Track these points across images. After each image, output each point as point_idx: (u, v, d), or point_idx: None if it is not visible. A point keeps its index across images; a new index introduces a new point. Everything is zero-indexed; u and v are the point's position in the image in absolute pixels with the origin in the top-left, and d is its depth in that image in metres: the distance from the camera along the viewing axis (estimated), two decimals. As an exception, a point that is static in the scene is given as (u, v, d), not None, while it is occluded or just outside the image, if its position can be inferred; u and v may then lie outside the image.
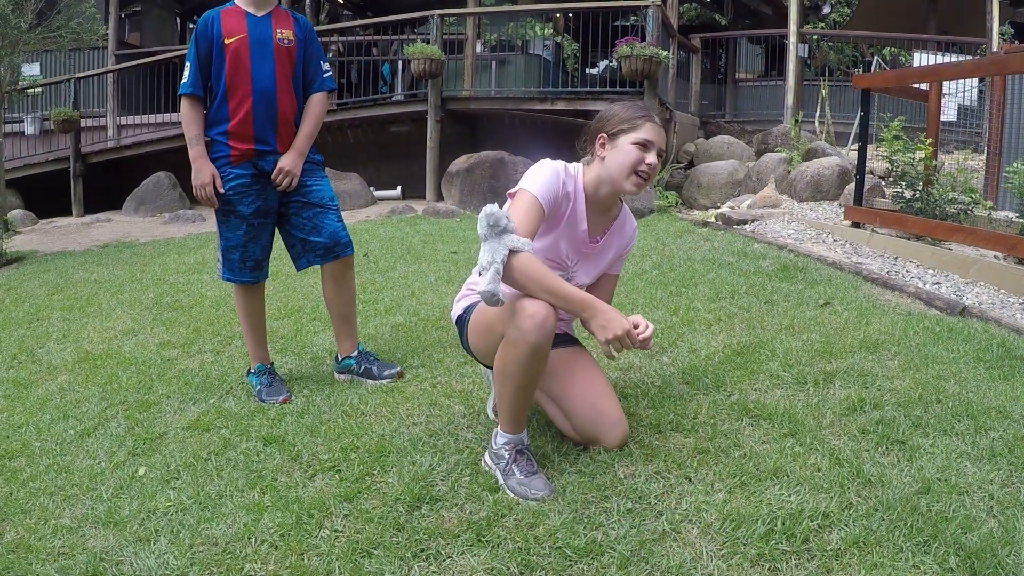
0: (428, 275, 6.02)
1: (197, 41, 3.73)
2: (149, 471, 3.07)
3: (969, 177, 6.91)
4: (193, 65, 3.73)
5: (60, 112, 13.08)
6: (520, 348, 2.53)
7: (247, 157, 3.78)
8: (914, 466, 2.63)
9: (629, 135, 2.82)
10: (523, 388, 2.64)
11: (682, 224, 7.82)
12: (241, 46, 3.71)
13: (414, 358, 4.11)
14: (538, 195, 2.72)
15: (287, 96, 3.82)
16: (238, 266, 3.87)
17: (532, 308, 2.51)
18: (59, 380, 4.40)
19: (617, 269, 3.16)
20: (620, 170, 2.82)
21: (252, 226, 3.83)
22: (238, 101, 3.73)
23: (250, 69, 3.72)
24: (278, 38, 3.79)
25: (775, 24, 16.24)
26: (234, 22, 3.75)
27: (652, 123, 2.85)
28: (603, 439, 2.84)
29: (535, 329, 2.50)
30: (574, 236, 2.91)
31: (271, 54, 3.76)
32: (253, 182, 3.79)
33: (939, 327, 4.14)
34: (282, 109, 3.80)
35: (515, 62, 14.36)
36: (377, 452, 2.96)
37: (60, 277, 7.44)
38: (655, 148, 2.83)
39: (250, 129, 3.75)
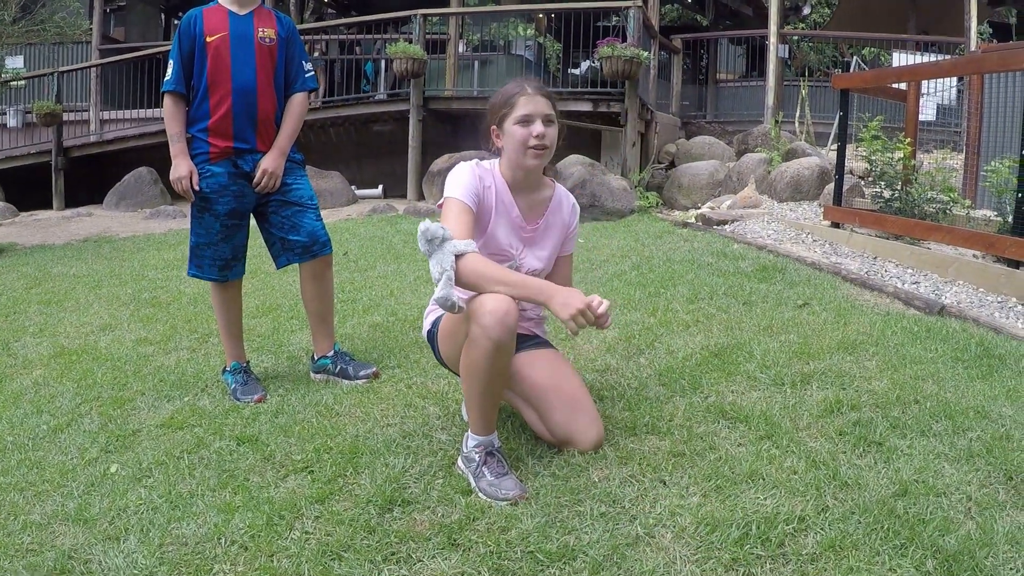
0: (407, 275, 5.99)
1: (180, 39, 3.73)
2: (121, 468, 3.04)
3: (948, 176, 6.93)
4: (176, 63, 3.72)
5: (43, 105, 12.99)
6: (483, 344, 2.52)
7: (226, 155, 3.76)
8: (891, 468, 2.62)
9: (510, 117, 2.87)
10: (489, 386, 2.63)
11: (662, 225, 7.82)
12: (222, 44, 3.71)
13: (390, 358, 4.08)
14: (461, 197, 2.80)
15: (267, 94, 3.81)
16: (208, 264, 3.85)
17: (491, 304, 2.52)
18: (34, 374, 4.36)
19: (569, 249, 3.16)
20: (516, 152, 2.88)
21: (225, 226, 3.81)
22: (218, 98, 3.72)
23: (231, 67, 3.71)
24: (260, 36, 3.78)
25: (756, 25, 16.30)
26: (216, 20, 3.74)
27: (525, 95, 2.86)
28: (578, 441, 2.81)
29: (496, 324, 2.50)
30: (510, 223, 2.95)
31: (252, 52, 3.75)
32: (231, 182, 3.77)
33: (917, 327, 4.14)
34: (262, 107, 3.79)
35: (498, 62, 14.36)
36: (350, 453, 2.93)
37: (38, 271, 7.39)
38: (538, 117, 2.85)
39: (230, 127, 3.74)
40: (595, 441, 2.82)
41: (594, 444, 2.81)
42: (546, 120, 2.86)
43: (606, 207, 8.62)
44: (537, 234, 3.02)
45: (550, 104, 2.90)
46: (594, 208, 8.56)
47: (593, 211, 8.53)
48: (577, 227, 3.17)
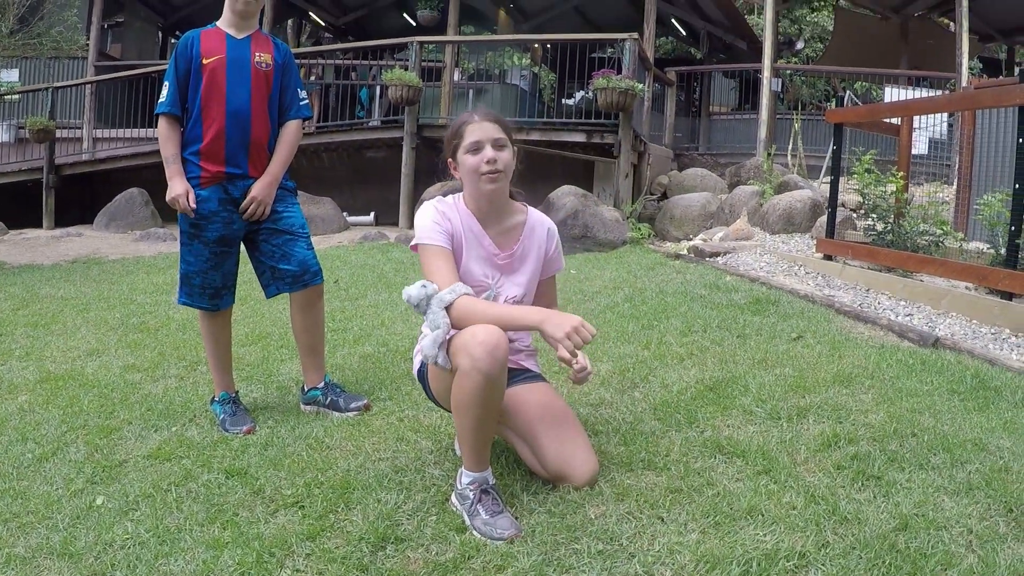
0: (399, 304, 5.94)
1: (176, 60, 3.70)
2: (107, 501, 2.98)
3: (940, 209, 6.95)
4: (172, 84, 3.69)
5: (36, 121, 12.96)
6: (473, 377, 2.51)
7: (217, 180, 3.72)
8: (891, 502, 2.59)
9: (461, 146, 2.90)
10: (482, 420, 2.60)
11: (654, 256, 7.81)
12: (219, 66, 3.68)
13: (382, 390, 4.04)
14: (434, 241, 2.84)
15: (261, 119, 3.78)
16: (197, 292, 3.81)
17: (482, 335, 2.52)
18: (19, 400, 4.29)
19: (552, 271, 3.13)
20: (471, 181, 2.90)
21: (215, 253, 3.77)
22: (211, 121, 3.69)
23: (225, 90, 3.68)
24: (256, 61, 3.75)
25: (749, 58, 16.40)
26: (214, 43, 3.72)
27: (472, 123, 2.89)
28: (572, 477, 2.78)
29: (486, 356, 2.49)
30: (483, 254, 2.96)
31: (248, 76, 3.73)
32: (220, 208, 3.73)
33: (912, 359, 4.13)
34: (255, 132, 3.75)
35: (492, 91, 14.40)
36: (342, 488, 2.89)
37: (26, 291, 7.30)
38: (487, 142, 2.86)
39: (222, 150, 3.70)
40: (590, 476, 2.78)
41: (589, 479, 2.77)
42: (496, 144, 2.87)
43: (598, 238, 8.61)
44: (514, 260, 3.01)
45: (499, 128, 2.90)
46: (586, 239, 8.56)
47: (585, 242, 8.53)
48: (558, 249, 3.13)
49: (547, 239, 3.08)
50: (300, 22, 20.26)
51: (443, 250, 2.84)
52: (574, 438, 2.85)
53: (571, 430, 2.87)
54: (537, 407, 2.90)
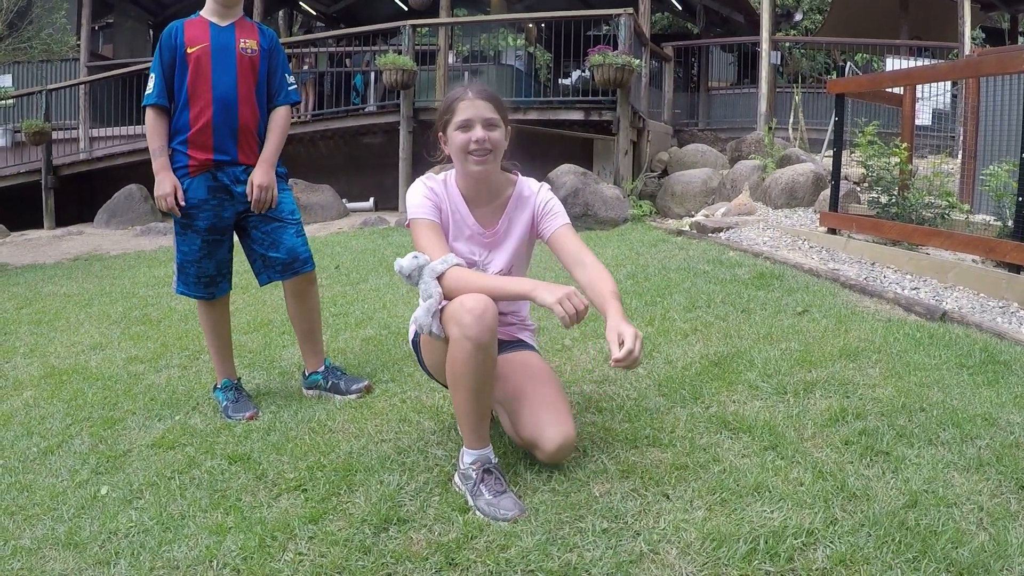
0: (400, 287, 5.92)
1: (161, 51, 3.67)
2: (112, 490, 2.99)
3: (945, 181, 6.89)
4: (158, 75, 3.66)
5: (32, 124, 12.98)
6: (463, 345, 2.50)
7: (206, 168, 3.69)
8: (900, 478, 2.56)
9: (451, 123, 2.86)
10: (476, 391, 2.57)
11: (657, 233, 7.76)
12: (203, 54, 3.64)
13: (384, 372, 4.02)
14: (424, 215, 2.85)
15: (248, 105, 3.74)
16: (192, 281, 3.81)
17: (470, 303, 2.51)
18: (24, 395, 4.32)
19: (560, 223, 2.96)
20: (459, 158, 2.87)
21: (207, 242, 3.76)
22: (199, 110, 3.65)
23: (211, 77, 3.65)
24: (241, 47, 3.71)
25: (747, 32, 16.31)
26: (197, 31, 3.69)
27: (466, 100, 2.84)
28: (543, 442, 2.68)
29: (475, 322, 2.48)
30: (468, 232, 2.95)
31: (233, 63, 3.69)
32: (210, 196, 3.71)
33: (920, 333, 4.09)
34: (243, 118, 3.72)
35: (488, 72, 14.33)
36: (344, 471, 2.87)
37: (29, 290, 7.36)
38: (478, 121, 2.82)
39: (209, 138, 3.68)
40: (560, 442, 2.67)
41: (559, 446, 2.67)
42: (487, 124, 2.82)
43: (599, 216, 8.56)
44: (498, 236, 2.98)
45: (492, 107, 2.85)
46: (587, 217, 8.51)
47: (587, 220, 8.48)
48: (551, 203, 3.00)
49: (533, 199, 3.00)
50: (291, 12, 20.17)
51: (432, 223, 2.85)
52: (549, 403, 2.77)
53: (547, 395, 2.80)
54: (517, 374, 2.87)
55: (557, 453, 2.69)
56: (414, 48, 11.65)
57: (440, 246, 2.79)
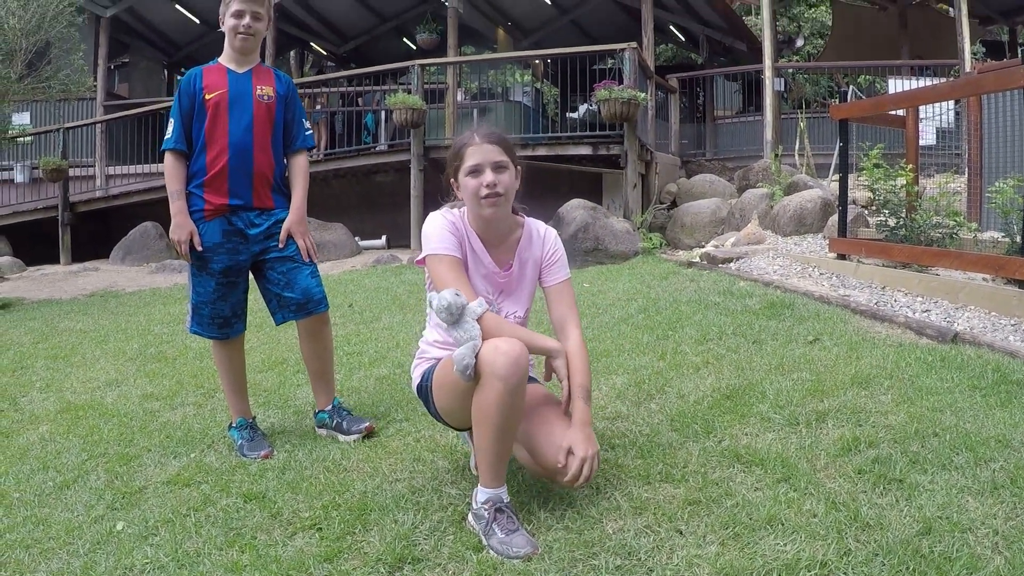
0: (413, 325, 5.95)
1: (180, 97, 3.77)
2: (127, 526, 3.01)
3: (952, 200, 6.89)
4: (176, 121, 3.75)
5: (49, 161, 13.25)
6: (495, 386, 2.52)
7: (221, 212, 3.77)
8: (913, 505, 2.55)
9: (461, 169, 2.90)
10: (502, 432, 2.59)
11: (667, 265, 7.78)
12: (221, 100, 3.74)
13: (398, 411, 4.04)
14: (445, 251, 2.86)
15: (263, 151, 3.82)
16: (207, 321, 3.86)
17: (504, 346, 2.54)
18: (41, 430, 4.35)
19: (560, 278, 3.05)
20: (472, 203, 2.90)
21: (221, 284, 3.81)
22: (215, 154, 3.74)
23: (228, 123, 3.74)
24: (258, 94, 3.81)
25: (750, 60, 16.38)
26: (215, 78, 3.78)
27: (473, 145, 2.88)
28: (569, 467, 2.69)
29: (508, 365, 2.51)
30: (484, 271, 2.97)
31: (250, 109, 3.78)
32: (225, 239, 3.78)
33: (931, 356, 4.08)
34: (258, 163, 3.80)
35: (496, 109, 14.44)
36: (359, 510, 2.89)
37: (46, 325, 7.43)
38: (487, 166, 2.85)
39: (225, 182, 3.75)
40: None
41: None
42: (496, 167, 2.86)
43: (610, 250, 8.59)
44: (512, 279, 3.01)
45: (500, 150, 2.88)
46: (598, 251, 8.54)
47: (597, 254, 8.51)
48: (558, 253, 3.07)
49: (542, 246, 3.05)
50: (302, 53, 20.42)
51: (457, 261, 2.86)
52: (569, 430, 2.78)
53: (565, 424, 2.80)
54: (532, 404, 2.88)
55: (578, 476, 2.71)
56: (423, 87, 11.77)
57: (467, 285, 2.82)
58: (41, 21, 10.52)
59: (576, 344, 2.92)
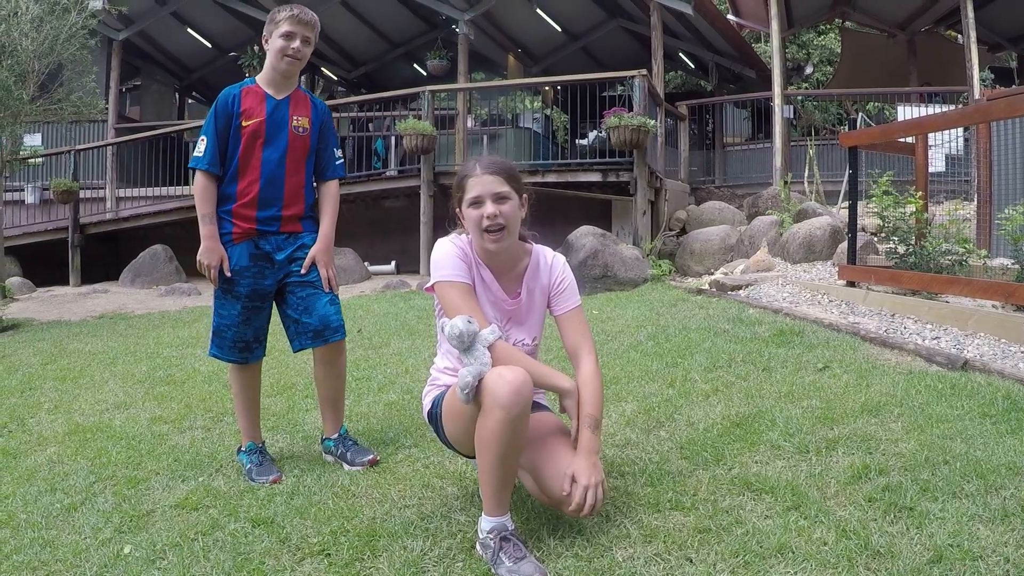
0: (422, 351, 5.96)
1: (216, 116, 3.72)
2: (135, 550, 2.99)
3: (961, 227, 6.89)
4: (210, 139, 3.71)
5: (60, 183, 13.34)
6: (496, 414, 2.52)
7: (248, 236, 3.77)
8: (924, 533, 2.55)
9: (464, 200, 2.90)
10: (503, 459, 2.59)
11: (676, 293, 7.79)
12: (258, 129, 3.73)
13: (407, 437, 4.04)
14: (457, 278, 2.87)
15: (295, 181, 3.83)
16: (228, 345, 3.83)
17: (508, 375, 2.54)
18: (48, 451, 4.34)
19: (570, 305, 3.05)
20: (475, 235, 2.91)
21: (246, 308, 3.79)
22: (246, 183, 3.74)
23: (262, 155, 3.73)
24: (294, 126, 3.80)
25: (759, 87, 16.45)
26: (254, 103, 3.76)
27: (474, 176, 2.89)
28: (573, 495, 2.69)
29: (511, 394, 2.51)
30: (493, 298, 2.97)
31: (285, 141, 3.77)
32: (251, 263, 3.77)
33: (941, 384, 4.09)
34: (288, 192, 3.81)
35: (506, 135, 14.51)
36: (368, 536, 2.88)
37: (54, 347, 7.42)
38: (487, 197, 2.85)
39: (254, 210, 3.76)
40: None
41: None
42: (497, 198, 2.86)
43: (619, 277, 8.60)
44: (520, 307, 3.02)
45: (501, 180, 2.88)
46: (607, 278, 8.55)
47: (606, 281, 8.52)
48: (566, 281, 3.07)
49: (549, 274, 3.05)
50: (313, 77, 20.57)
51: (467, 287, 2.87)
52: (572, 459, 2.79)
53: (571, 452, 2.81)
54: (537, 434, 2.88)
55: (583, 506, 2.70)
56: (433, 113, 11.85)
57: (478, 311, 2.82)
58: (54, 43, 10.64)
59: (589, 372, 2.91)
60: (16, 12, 10.29)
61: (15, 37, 10.17)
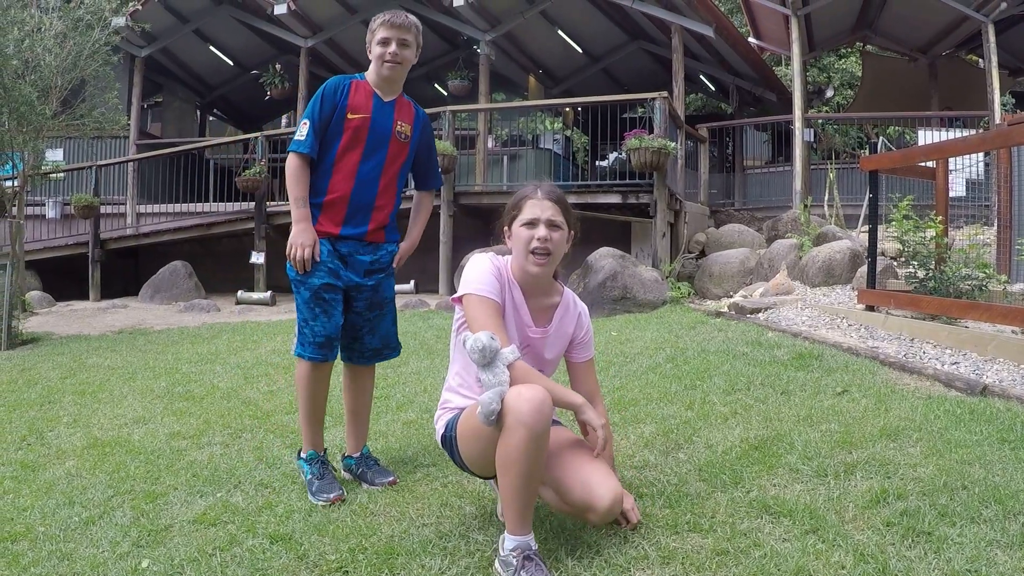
0: (441, 371, 5.97)
1: (323, 101, 3.65)
2: (152, 564, 3.01)
3: (981, 252, 6.87)
4: (312, 124, 3.63)
5: (81, 198, 13.44)
6: (519, 433, 2.56)
7: (329, 236, 3.70)
8: (942, 558, 2.56)
9: (517, 219, 2.98)
10: (526, 478, 2.62)
11: (695, 315, 7.78)
12: (362, 126, 3.66)
13: (425, 456, 4.06)
14: (487, 293, 2.91)
15: (390, 189, 3.78)
16: (309, 341, 3.71)
17: (528, 393, 2.59)
18: (67, 465, 4.37)
19: (589, 356, 3.17)
20: (521, 255, 2.97)
21: (322, 299, 3.67)
22: (339, 180, 3.67)
23: (362, 153, 3.67)
24: (397, 130, 3.75)
25: (780, 110, 16.45)
26: (362, 99, 3.70)
27: (533, 199, 2.96)
28: (594, 500, 2.76)
29: (532, 412, 2.56)
30: (518, 322, 3.02)
31: (387, 145, 3.72)
32: (329, 259, 3.68)
33: (960, 409, 4.08)
34: (380, 199, 3.75)
35: (526, 156, 14.56)
36: (386, 554, 2.90)
37: (74, 361, 7.47)
38: (541, 222, 2.92)
39: (342, 213, 3.69)
40: (612, 497, 2.77)
41: (612, 501, 2.77)
42: (550, 225, 2.93)
43: (638, 299, 8.61)
44: (547, 339, 3.08)
45: (559, 210, 2.96)
46: (626, 300, 8.57)
47: (625, 303, 8.53)
48: (588, 333, 3.19)
49: (578, 324, 3.13)
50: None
51: (496, 305, 2.92)
52: (594, 466, 2.86)
53: (590, 460, 2.88)
54: (556, 446, 2.93)
55: (611, 509, 2.76)
56: (454, 133, 11.92)
57: (502, 331, 2.86)
58: (77, 59, 10.80)
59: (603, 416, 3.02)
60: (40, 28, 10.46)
61: (39, 52, 10.32)
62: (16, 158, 10.82)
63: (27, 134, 10.45)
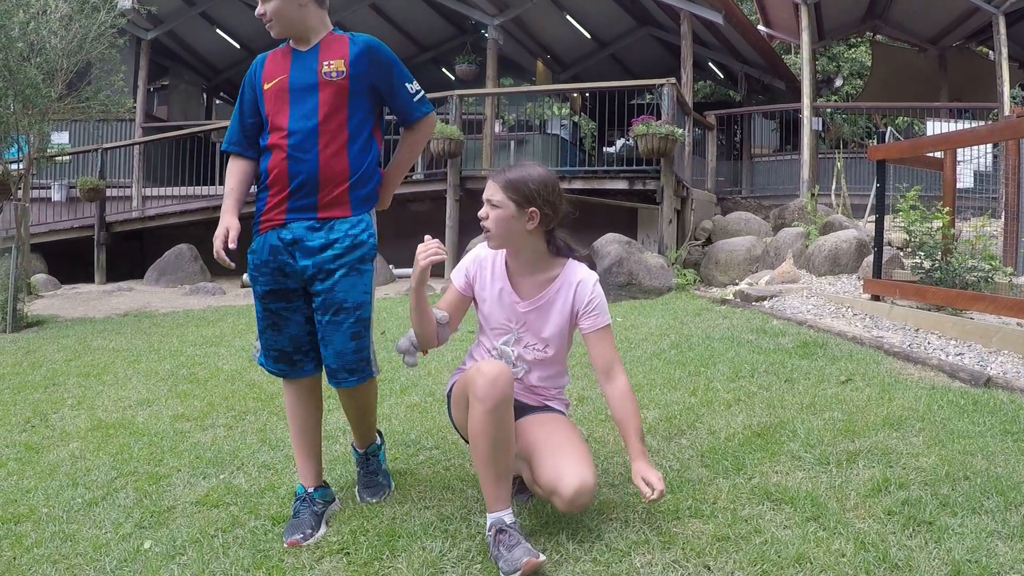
0: (445, 354, 5.97)
1: (243, 90, 3.17)
2: (155, 545, 3.03)
3: (988, 244, 6.86)
4: (234, 117, 3.19)
5: (86, 181, 13.46)
6: (475, 408, 2.64)
7: (276, 225, 3.05)
8: (943, 548, 2.56)
9: None
10: (490, 452, 2.66)
11: (700, 302, 7.78)
12: (280, 89, 3.04)
13: (428, 439, 4.06)
14: (451, 276, 3.20)
15: (334, 147, 3.01)
16: (265, 352, 3.20)
17: (485, 368, 2.67)
18: (71, 447, 4.38)
19: (600, 324, 3.05)
20: None
21: (268, 310, 3.10)
22: (275, 158, 3.03)
23: (288, 118, 3.01)
24: (324, 72, 3.01)
25: (789, 99, 16.41)
26: (277, 63, 3.11)
27: (489, 180, 3.01)
28: (560, 487, 2.70)
29: (486, 386, 2.62)
30: (504, 301, 3.10)
31: (315, 94, 3.00)
32: (270, 257, 3.05)
33: (964, 400, 4.08)
34: (325, 164, 2.99)
35: (533, 141, 14.54)
36: (387, 536, 2.91)
37: (78, 343, 7.49)
38: (485, 201, 3.00)
39: (285, 188, 3.02)
40: (577, 486, 2.68)
41: (576, 490, 2.68)
42: (488, 203, 2.98)
43: (644, 285, 8.61)
44: (536, 311, 3.07)
45: (497, 188, 2.96)
46: (632, 286, 8.56)
47: (631, 289, 8.53)
48: (594, 302, 3.04)
49: (574, 294, 3.06)
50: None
51: (457, 293, 3.17)
52: (568, 451, 2.82)
53: (567, 445, 2.86)
54: (541, 429, 2.95)
55: (575, 498, 2.69)
56: (461, 117, 11.91)
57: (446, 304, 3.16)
58: (82, 42, 10.76)
59: (626, 387, 3.00)
60: (45, 10, 10.41)
61: (44, 35, 10.28)
62: (22, 141, 10.80)
63: (32, 117, 10.44)
